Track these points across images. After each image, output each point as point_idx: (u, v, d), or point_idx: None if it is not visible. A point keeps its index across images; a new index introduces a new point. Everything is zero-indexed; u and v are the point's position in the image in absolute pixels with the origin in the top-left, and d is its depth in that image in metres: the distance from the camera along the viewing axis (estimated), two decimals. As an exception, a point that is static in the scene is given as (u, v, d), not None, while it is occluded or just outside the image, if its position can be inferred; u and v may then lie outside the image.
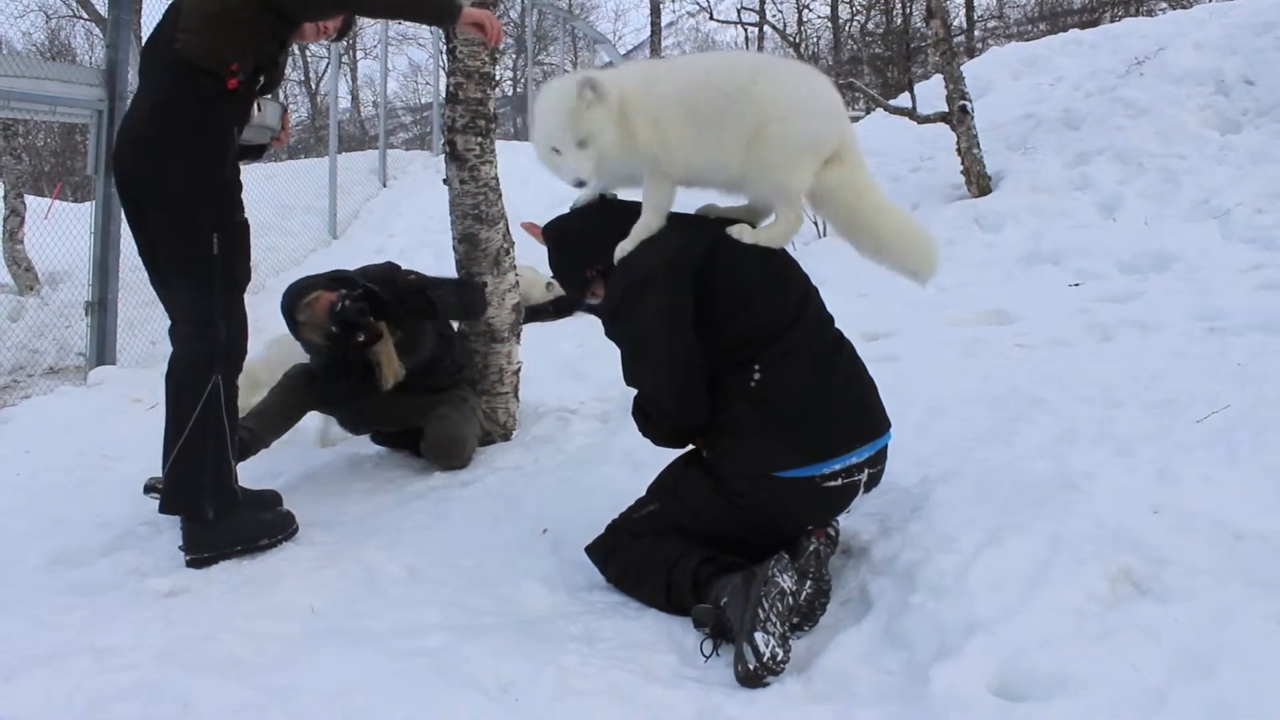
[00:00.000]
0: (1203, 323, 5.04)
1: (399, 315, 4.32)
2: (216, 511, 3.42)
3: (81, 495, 4.22)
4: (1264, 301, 5.19)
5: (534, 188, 9.12)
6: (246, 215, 3.59)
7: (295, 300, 4.22)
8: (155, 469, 3.61)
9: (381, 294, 4.29)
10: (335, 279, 4.38)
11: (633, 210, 3.09)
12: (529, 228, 3.28)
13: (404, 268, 4.66)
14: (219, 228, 3.40)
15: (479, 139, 4.67)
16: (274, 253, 10.01)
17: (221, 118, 3.40)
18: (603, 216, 3.17)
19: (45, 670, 2.59)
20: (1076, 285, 6.37)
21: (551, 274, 3.37)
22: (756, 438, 2.83)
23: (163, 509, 3.51)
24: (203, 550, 3.43)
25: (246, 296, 3.58)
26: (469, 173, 4.66)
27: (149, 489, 3.80)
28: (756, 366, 2.84)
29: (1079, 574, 2.49)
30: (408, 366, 4.37)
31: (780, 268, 3.02)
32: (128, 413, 5.88)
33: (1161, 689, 2.09)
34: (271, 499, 3.80)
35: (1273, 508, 2.76)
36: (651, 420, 3.04)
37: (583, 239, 3.16)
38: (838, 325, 3.09)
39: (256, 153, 4.14)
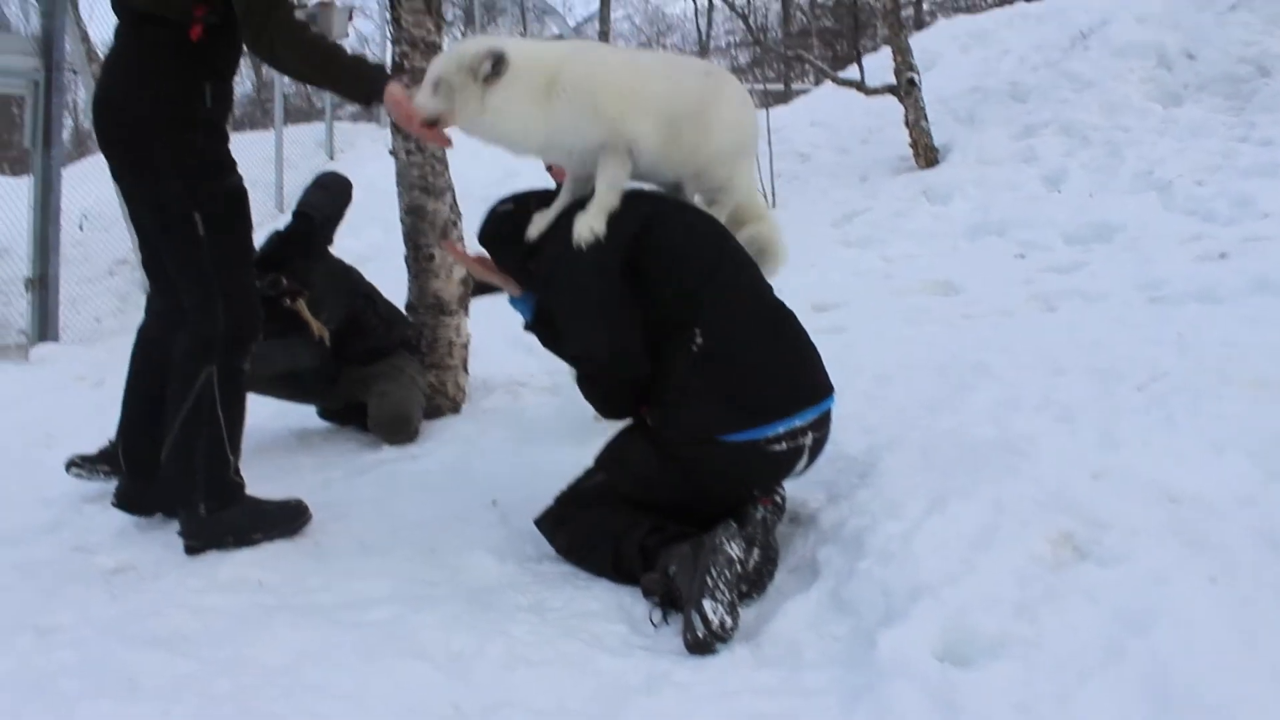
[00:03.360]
0: (1143, 292, 5.13)
1: (293, 261, 4.35)
2: (210, 508, 3.22)
3: (24, 473, 4.15)
4: (1202, 271, 5.29)
5: (484, 159, 9.03)
6: (240, 177, 3.26)
7: None
8: (100, 447, 3.57)
9: (276, 254, 4.31)
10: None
11: (546, 198, 3.18)
12: (449, 247, 3.28)
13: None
14: (200, 204, 3.09)
15: (425, 110, 4.62)
16: (219, 227, 9.87)
17: (187, 73, 3.07)
18: (526, 215, 3.18)
19: (-15, 649, 2.55)
20: (1022, 256, 6.45)
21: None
22: (700, 401, 2.85)
23: (159, 501, 3.45)
24: (195, 538, 3.23)
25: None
26: (415, 143, 4.62)
27: (70, 465, 3.75)
28: (697, 330, 2.86)
29: (1021, 537, 2.53)
30: (329, 326, 4.40)
31: (718, 234, 3.08)
32: (71, 390, 5.79)
33: (1101, 648, 2.14)
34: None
35: (1208, 471, 2.82)
36: (592, 380, 3.05)
37: (514, 238, 3.16)
38: (784, 296, 3.11)
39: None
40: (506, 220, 3.20)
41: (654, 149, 3.01)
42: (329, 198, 4.49)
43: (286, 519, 3.36)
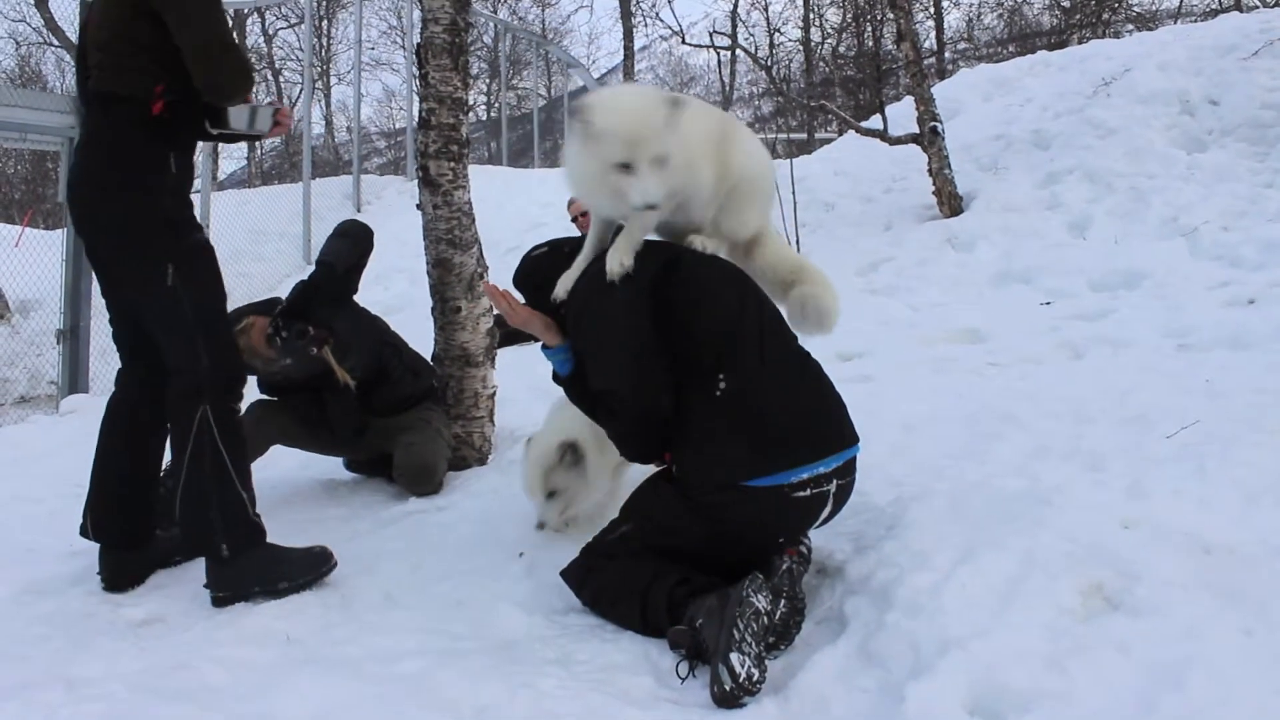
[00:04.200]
0: (1172, 339, 5.10)
1: (318, 310, 4.38)
2: (232, 548, 3.25)
3: (53, 524, 4.18)
4: (1231, 318, 5.26)
5: (508, 212, 9.17)
6: (205, 235, 3.43)
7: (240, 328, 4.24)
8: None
9: (299, 303, 4.35)
10: (260, 306, 4.46)
11: (578, 244, 3.26)
12: (491, 291, 3.32)
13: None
14: (171, 259, 3.26)
15: (452, 164, 4.69)
16: (247, 279, 9.99)
17: (153, 146, 3.26)
18: (563, 258, 3.25)
19: (14, 703, 2.56)
20: (1048, 304, 6.43)
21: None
22: (723, 446, 2.85)
23: (182, 552, 3.48)
24: (222, 589, 3.27)
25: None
26: (442, 198, 4.67)
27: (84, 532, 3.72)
28: (721, 376, 2.87)
29: (1051, 589, 2.51)
30: (355, 374, 4.43)
31: (741, 281, 3.11)
32: (100, 441, 5.82)
33: (1134, 702, 2.11)
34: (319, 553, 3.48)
35: (1240, 520, 2.79)
36: (617, 416, 3.05)
37: (549, 282, 3.22)
38: (809, 345, 3.13)
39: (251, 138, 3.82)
40: (541, 263, 3.29)
41: (710, 183, 3.09)
42: (350, 245, 4.54)
43: (311, 566, 3.37)
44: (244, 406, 3.83)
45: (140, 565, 3.55)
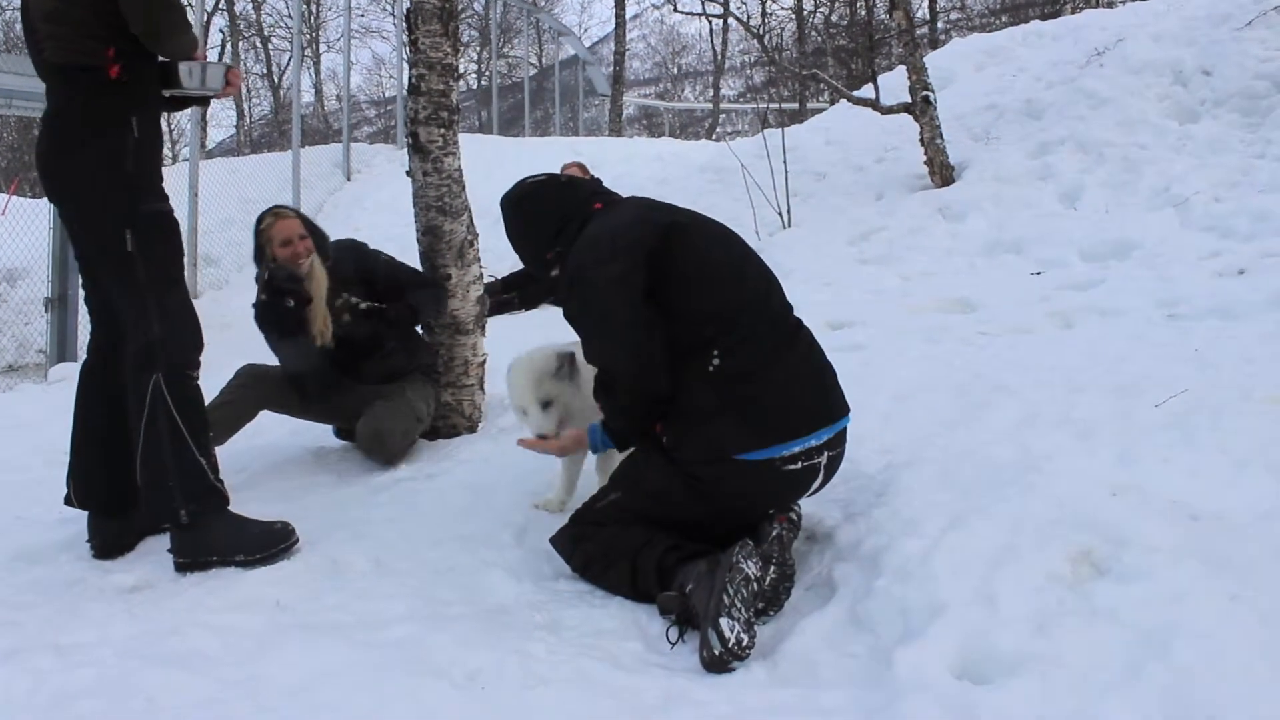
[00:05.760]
0: (1162, 309, 5.11)
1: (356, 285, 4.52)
2: (191, 514, 3.27)
3: (42, 492, 4.16)
4: (1221, 288, 5.27)
5: (499, 181, 9.09)
6: (169, 205, 3.41)
7: (269, 211, 4.60)
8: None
9: (384, 308, 4.53)
10: (316, 231, 4.61)
11: (598, 193, 3.23)
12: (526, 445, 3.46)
13: (371, 248, 4.82)
14: (130, 223, 3.24)
15: (442, 131, 4.66)
16: (237, 248, 9.92)
17: (114, 110, 3.23)
18: (569, 201, 3.22)
19: (5, 668, 2.56)
20: (1038, 273, 6.44)
21: (511, 242, 3.38)
22: (716, 421, 2.85)
23: (148, 519, 3.49)
24: (184, 555, 3.29)
25: (211, 292, 3.53)
26: (432, 164, 4.65)
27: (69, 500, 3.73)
28: (715, 351, 2.86)
29: (1040, 556, 2.52)
30: (348, 332, 4.47)
31: (740, 255, 3.07)
32: (89, 409, 5.80)
33: (1121, 666, 2.12)
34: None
35: (1228, 488, 2.81)
36: (613, 393, 3.04)
37: (545, 223, 3.20)
38: (801, 314, 3.12)
39: (204, 101, 3.86)
40: (547, 200, 3.28)
41: None
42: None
43: (270, 542, 3.35)
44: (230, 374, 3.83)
45: (129, 532, 3.55)
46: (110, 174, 3.23)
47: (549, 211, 3.21)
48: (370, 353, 4.56)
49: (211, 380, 3.82)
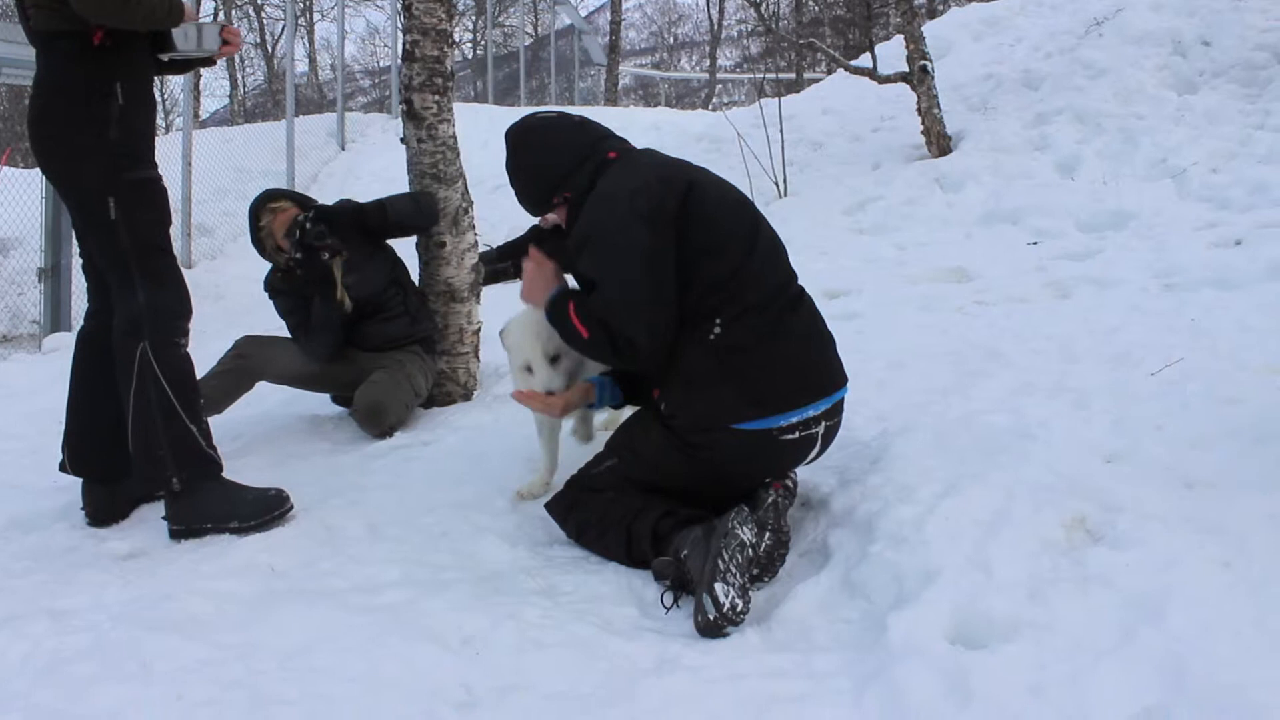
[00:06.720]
0: (1158, 279, 5.11)
1: (352, 230, 4.50)
2: (183, 481, 3.27)
3: (37, 461, 4.17)
4: (1217, 258, 5.27)
5: (494, 150, 9.05)
6: (157, 171, 3.35)
7: (263, 204, 4.52)
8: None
9: (336, 210, 4.49)
10: (300, 199, 4.62)
11: (610, 138, 3.11)
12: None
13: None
14: (114, 191, 3.21)
15: (436, 97, 4.63)
16: (231, 218, 9.89)
17: (98, 76, 3.18)
18: (583, 141, 3.09)
19: (1, 634, 2.56)
20: (1035, 243, 6.43)
21: (509, 178, 3.24)
22: (714, 389, 2.83)
23: (140, 488, 3.49)
24: (178, 522, 3.29)
25: (205, 262, 3.51)
26: (426, 131, 4.62)
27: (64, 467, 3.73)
28: (718, 319, 2.83)
29: (1034, 522, 2.53)
30: (355, 291, 4.49)
31: (752, 221, 3.01)
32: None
33: (1114, 632, 2.13)
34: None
35: (1221, 456, 2.81)
36: (612, 330, 2.83)
37: (557, 159, 3.07)
38: (799, 282, 3.10)
39: (203, 63, 3.75)
40: (561, 142, 3.13)
41: None
42: (413, 209, 4.60)
43: (265, 508, 3.34)
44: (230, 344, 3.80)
45: (124, 499, 3.55)
46: (94, 141, 3.19)
47: (561, 147, 3.08)
48: (372, 314, 4.55)
49: (207, 350, 3.83)
